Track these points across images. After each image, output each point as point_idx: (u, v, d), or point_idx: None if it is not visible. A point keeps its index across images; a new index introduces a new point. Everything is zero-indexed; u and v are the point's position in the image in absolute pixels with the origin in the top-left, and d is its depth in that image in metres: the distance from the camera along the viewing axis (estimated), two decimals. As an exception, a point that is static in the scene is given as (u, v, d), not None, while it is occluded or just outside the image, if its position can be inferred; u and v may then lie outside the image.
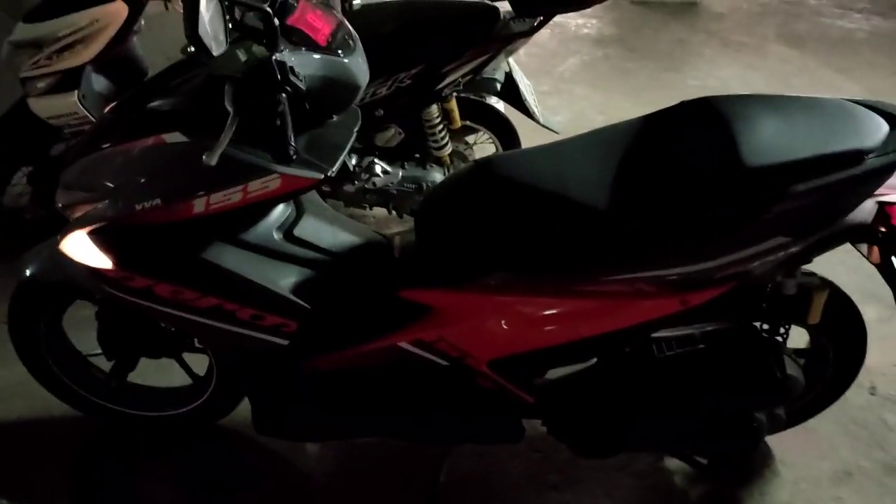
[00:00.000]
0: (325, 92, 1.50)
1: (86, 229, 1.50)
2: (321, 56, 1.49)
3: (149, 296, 1.53)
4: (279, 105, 1.30)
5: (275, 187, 1.45)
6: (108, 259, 1.50)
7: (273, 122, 1.30)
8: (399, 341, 1.71)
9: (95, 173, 1.50)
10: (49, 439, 2.11)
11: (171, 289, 1.52)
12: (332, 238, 1.73)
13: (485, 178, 1.63)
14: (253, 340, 1.61)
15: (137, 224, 1.47)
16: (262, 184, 1.44)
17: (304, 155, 1.47)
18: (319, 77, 1.47)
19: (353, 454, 2.11)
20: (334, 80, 1.53)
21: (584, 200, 1.54)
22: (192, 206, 1.44)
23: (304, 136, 1.51)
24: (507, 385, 1.76)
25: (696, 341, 1.75)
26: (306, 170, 1.47)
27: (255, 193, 1.45)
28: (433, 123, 2.76)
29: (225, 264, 1.53)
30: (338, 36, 1.57)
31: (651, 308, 1.61)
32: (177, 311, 1.55)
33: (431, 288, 1.67)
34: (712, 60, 5.15)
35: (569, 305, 1.63)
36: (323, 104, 1.52)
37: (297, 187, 1.48)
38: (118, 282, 1.52)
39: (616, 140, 1.66)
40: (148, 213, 1.45)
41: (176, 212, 1.44)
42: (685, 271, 1.53)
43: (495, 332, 1.68)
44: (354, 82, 1.57)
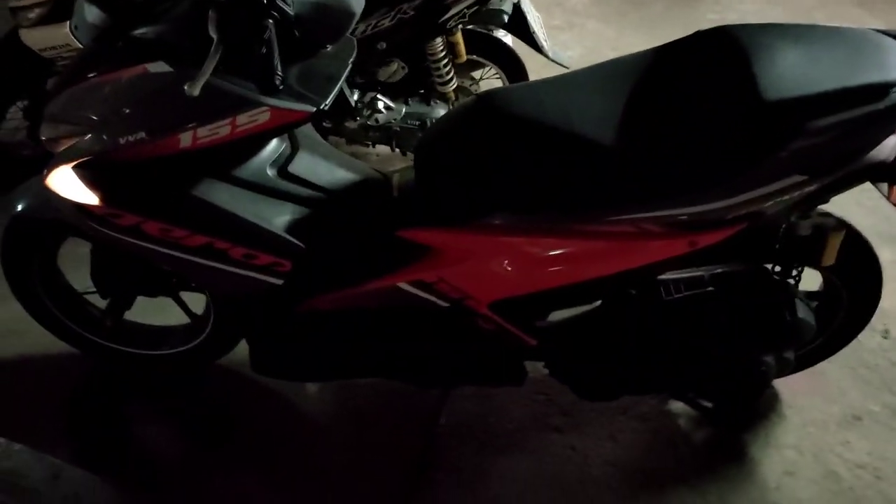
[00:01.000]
0: (317, 19, 1.42)
1: (71, 164, 1.45)
2: None
3: (137, 234, 1.48)
4: (265, 31, 1.23)
5: (264, 121, 1.38)
6: (94, 195, 1.45)
7: (258, 49, 1.22)
8: (398, 282, 1.66)
9: (79, 105, 1.44)
10: (46, 377, 2.10)
11: (160, 226, 1.47)
12: (328, 175, 1.67)
13: (487, 112, 1.55)
14: (246, 280, 1.56)
15: (124, 159, 1.41)
16: (251, 117, 1.37)
17: (296, 87, 1.40)
18: (310, 3, 1.39)
19: (352, 395, 2.09)
20: (326, 7, 1.44)
21: (590, 136, 1.47)
22: (178, 140, 1.37)
23: (296, 68, 1.43)
24: (508, 327, 1.72)
25: (705, 283, 1.69)
26: (297, 102, 1.40)
27: (244, 127, 1.38)
28: (437, 57, 2.66)
29: (216, 201, 1.48)
30: None
31: (658, 249, 1.55)
32: (167, 249, 1.50)
33: (431, 227, 1.62)
34: (731, -6, 4.97)
35: (573, 246, 1.57)
36: (315, 33, 1.44)
37: (288, 121, 1.41)
38: (105, 219, 1.47)
39: (626, 72, 1.57)
40: (133, 147, 1.38)
41: (162, 146, 1.38)
42: (694, 211, 1.46)
43: (497, 273, 1.63)
44: (348, 9, 1.49)
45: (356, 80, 2.74)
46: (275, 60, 1.22)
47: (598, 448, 1.98)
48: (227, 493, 1.80)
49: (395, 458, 1.93)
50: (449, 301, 1.69)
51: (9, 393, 2.03)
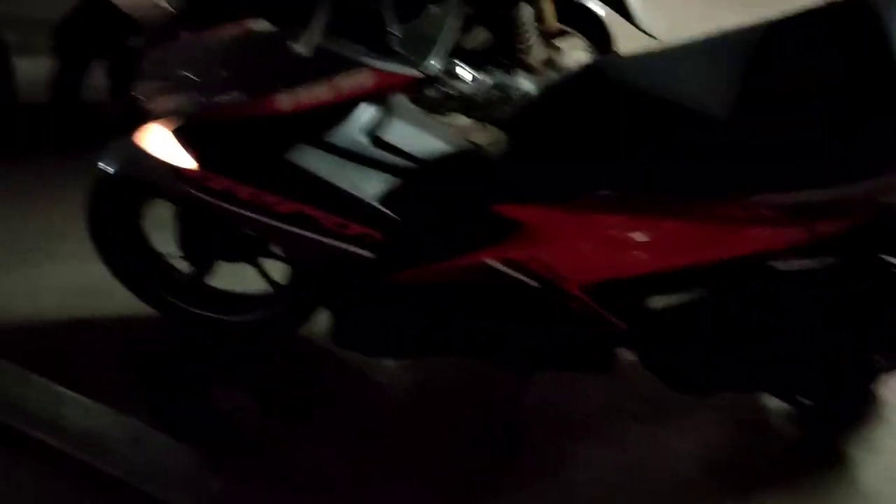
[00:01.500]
0: None
1: (166, 124, 1.41)
2: None
3: (229, 198, 1.44)
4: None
5: (367, 83, 1.32)
6: (188, 157, 1.41)
7: (371, 7, 1.15)
8: (488, 258, 1.60)
9: (176, 63, 1.40)
10: (129, 339, 2.10)
11: (252, 191, 1.43)
12: (421, 144, 1.60)
13: (597, 82, 1.47)
14: (336, 251, 1.51)
15: (219, 120, 1.37)
16: (354, 79, 1.31)
17: (400, 49, 1.33)
18: None
19: (430, 374, 2.04)
20: None
21: (706, 110, 1.37)
22: (277, 101, 1.32)
23: (399, 28, 1.36)
24: (600, 311, 1.64)
25: (817, 274, 1.58)
26: (402, 65, 1.33)
27: (346, 90, 1.32)
28: (524, 25, 2.56)
29: (309, 167, 1.43)
30: None
31: (771, 236, 1.45)
32: (257, 215, 1.46)
33: (527, 203, 1.54)
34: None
35: (678, 228, 1.48)
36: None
37: (392, 84, 1.35)
38: (197, 181, 1.44)
39: (744, 44, 1.47)
40: (230, 107, 1.34)
41: (259, 107, 1.33)
42: (818, 196, 1.36)
43: (593, 253, 1.55)
44: None
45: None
46: (388, 18, 1.15)
47: (682, 440, 1.89)
48: (306, 464, 1.77)
49: (475, 439, 1.87)
50: (539, 280, 1.62)
51: (93, 353, 2.04)
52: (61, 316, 2.16)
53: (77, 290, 2.21)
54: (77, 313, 2.16)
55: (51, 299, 2.20)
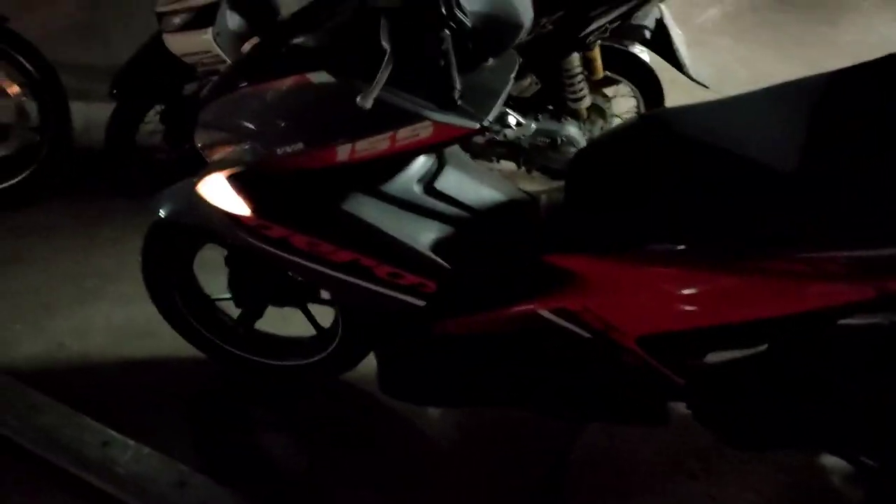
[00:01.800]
0: (488, 29, 1.35)
1: (224, 173, 1.43)
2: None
3: (285, 246, 1.45)
4: (443, 43, 1.16)
5: (426, 136, 1.33)
6: (245, 205, 1.42)
7: (435, 62, 1.16)
8: (540, 308, 1.57)
9: (235, 113, 1.42)
10: (176, 381, 2.11)
11: (307, 240, 1.43)
12: (474, 193, 1.60)
13: (650, 133, 1.45)
14: (389, 299, 1.51)
15: (277, 170, 1.38)
16: (413, 131, 1.31)
17: (459, 101, 1.33)
18: (482, 13, 1.32)
19: (475, 422, 2.01)
20: (498, 18, 1.37)
21: (767, 162, 1.34)
22: (335, 152, 1.33)
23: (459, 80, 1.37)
24: (656, 364, 1.60)
25: (885, 331, 1.53)
26: (461, 118, 1.33)
27: (404, 142, 1.32)
28: (573, 73, 2.57)
29: (364, 217, 1.43)
30: None
31: (838, 293, 1.40)
32: (313, 263, 1.46)
33: (580, 254, 1.52)
34: (871, 14, 4.69)
35: (738, 282, 1.44)
36: (484, 43, 1.37)
37: (450, 137, 1.35)
38: (255, 230, 1.45)
39: (803, 95, 1.44)
40: (289, 158, 1.35)
41: (318, 158, 1.34)
42: (884, 254, 1.31)
43: (649, 306, 1.52)
44: (518, 20, 1.41)
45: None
46: (453, 73, 1.15)
47: (740, 501, 1.83)
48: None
49: (520, 491, 1.83)
50: (592, 332, 1.59)
51: (140, 395, 2.05)
52: (111, 356, 2.18)
53: (128, 331, 2.24)
54: (127, 354, 2.19)
55: (101, 339, 2.23)
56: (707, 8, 4.80)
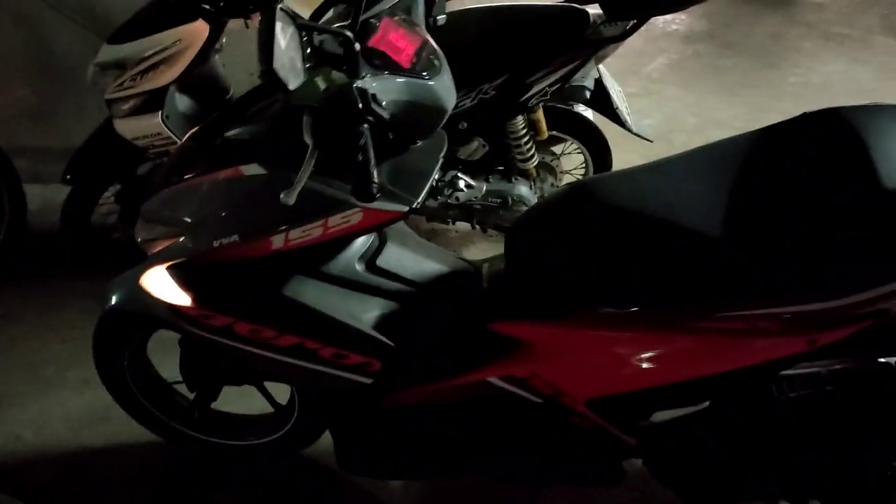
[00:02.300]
0: (410, 118, 1.40)
1: (165, 265, 1.44)
2: (405, 80, 1.38)
3: (228, 334, 1.46)
4: (361, 137, 1.20)
5: (356, 221, 1.36)
6: (187, 296, 1.44)
7: (354, 155, 1.20)
8: (488, 376, 1.59)
9: (173, 207, 1.45)
10: (134, 466, 2.09)
11: (250, 327, 1.45)
12: (416, 267, 1.63)
13: (583, 201, 1.50)
14: (335, 379, 1.52)
15: (217, 260, 1.40)
16: (344, 218, 1.35)
17: (388, 186, 1.37)
18: (403, 102, 1.37)
19: (439, 490, 2.00)
20: (419, 105, 1.42)
21: (695, 226, 1.39)
22: (270, 242, 1.36)
23: (387, 165, 1.41)
24: (606, 426, 1.62)
25: (823, 381, 1.56)
26: (389, 202, 1.37)
27: (336, 228, 1.36)
28: (518, 135, 2.63)
29: (306, 300, 1.45)
30: (422, 56, 1.46)
31: (771, 348, 1.44)
32: (257, 349, 1.48)
33: (523, 321, 1.55)
34: (813, 55, 4.84)
35: (677, 343, 1.48)
36: (408, 131, 1.42)
37: (381, 221, 1.38)
38: (197, 320, 1.46)
39: (730, 157, 1.50)
40: (226, 249, 1.37)
41: (254, 248, 1.37)
42: (814, 309, 1.36)
43: (595, 369, 1.55)
44: (441, 105, 1.46)
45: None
46: (371, 167, 1.19)
47: (702, 553, 1.83)
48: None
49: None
50: (542, 397, 1.61)
51: (100, 484, 2.03)
52: (70, 446, 2.16)
53: (86, 419, 2.22)
54: (86, 441, 2.17)
55: (60, 429, 2.20)
56: (654, 57, 4.93)
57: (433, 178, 1.45)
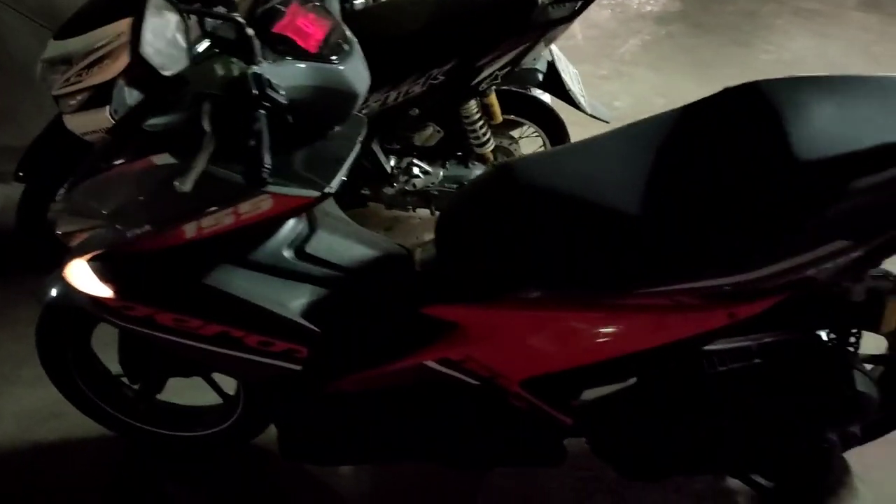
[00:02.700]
0: (319, 103, 1.39)
1: (84, 257, 1.44)
2: (310, 65, 1.38)
3: (151, 324, 1.46)
4: (255, 122, 1.20)
5: (267, 207, 1.36)
6: (108, 288, 1.44)
7: (247, 141, 1.19)
8: (425, 360, 1.60)
9: (91, 199, 1.44)
10: (86, 461, 2.10)
11: (173, 317, 1.45)
12: (347, 253, 1.63)
13: (507, 183, 1.49)
14: (264, 367, 1.52)
15: (137, 251, 1.40)
16: (254, 205, 1.35)
17: (301, 171, 1.37)
18: (310, 87, 1.37)
19: (389, 475, 2.01)
20: (328, 90, 1.41)
21: (615, 205, 1.39)
22: (183, 231, 1.36)
23: (303, 151, 1.41)
24: (542, 406, 1.63)
25: (752, 354, 1.57)
26: (300, 188, 1.36)
27: (248, 215, 1.35)
28: (472, 120, 2.63)
29: (229, 289, 1.45)
30: (331, 40, 1.45)
31: (694, 322, 1.45)
32: (182, 339, 1.48)
33: (454, 304, 1.55)
34: (785, 32, 4.83)
35: (603, 321, 1.49)
36: (318, 116, 1.41)
37: (292, 206, 1.38)
38: (119, 311, 1.46)
39: (651, 135, 1.50)
40: (141, 240, 1.37)
41: (169, 238, 1.37)
42: (731, 282, 1.36)
43: (526, 350, 1.55)
44: (350, 90, 1.45)
45: (392, 147, 2.72)
46: (262, 152, 1.19)
47: (648, 530, 1.85)
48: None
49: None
50: (479, 379, 1.61)
51: (55, 479, 2.04)
52: (22, 443, 2.16)
53: (39, 415, 2.22)
54: (39, 437, 2.17)
55: (12, 426, 2.20)
56: (627, 39, 4.92)
57: (350, 162, 1.44)
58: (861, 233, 1.30)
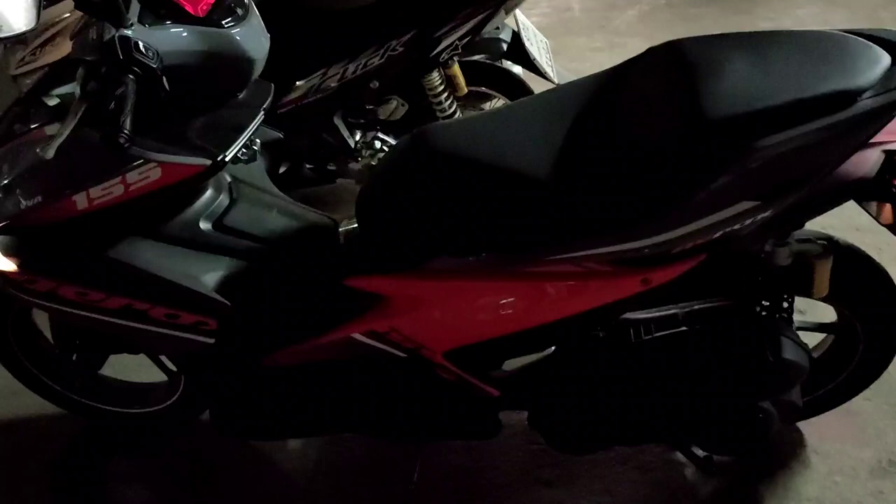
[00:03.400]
0: (208, 69, 1.36)
1: (-10, 231, 1.44)
2: (194, 29, 1.34)
3: (54, 298, 1.45)
4: (120, 87, 1.17)
5: (156, 177, 1.33)
6: (10, 262, 1.44)
7: (108, 105, 1.17)
8: (352, 332, 1.58)
9: (-6, 171, 1.44)
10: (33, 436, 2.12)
11: (76, 290, 1.44)
12: (269, 225, 1.60)
13: (419, 151, 1.46)
14: (174, 340, 1.51)
15: (42, 223, 1.39)
16: (142, 174, 1.32)
17: (194, 139, 1.34)
18: (196, 52, 1.34)
19: (333, 450, 2.00)
20: (218, 55, 1.38)
21: (524, 170, 1.35)
22: (74, 202, 1.34)
23: (201, 119, 1.38)
24: (467, 378, 1.60)
25: (678, 322, 1.53)
26: (190, 156, 1.34)
27: (138, 185, 1.33)
28: (436, 92, 2.58)
29: (133, 261, 1.43)
30: (224, 4, 1.42)
31: (608, 289, 1.41)
32: (87, 312, 1.47)
33: (376, 275, 1.53)
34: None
35: (517, 289, 1.45)
36: (209, 83, 1.38)
37: (184, 176, 1.35)
38: (21, 284, 1.46)
39: (570, 99, 1.45)
40: (35, 211, 1.36)
41: (60, 209, 1.35)
42: (636, 246, 1.31)
43: (445, 320, 1.52)
44: (244, 55, 1.42)
45: (357, 121, 2.69)
46: (122, 117, 1.16)
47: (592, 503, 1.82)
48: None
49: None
50: (405, 351, 1.59)
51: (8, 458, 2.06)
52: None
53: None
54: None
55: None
56: (625, 10, 4.82)
57: (251, 129, 1.42)
58: (768, 193, 1.24)
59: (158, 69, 1.23)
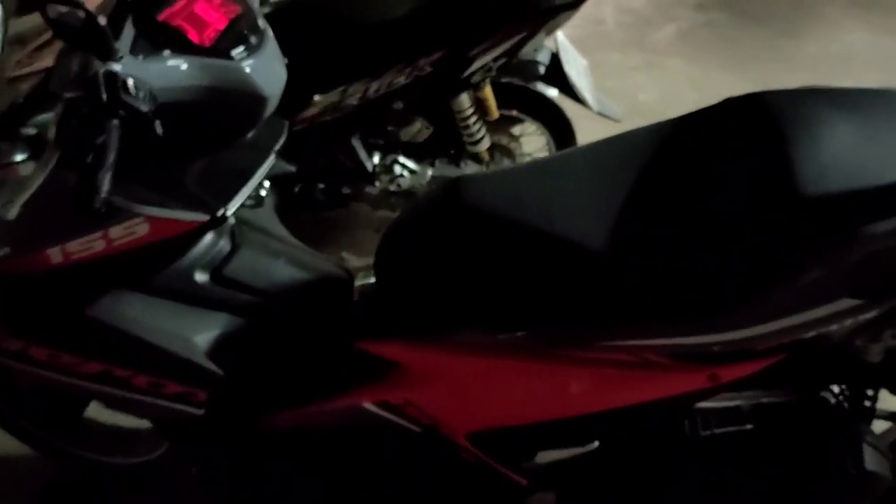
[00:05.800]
0: (212, 108, 1.16)
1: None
2: (196, 61, 1.14)
3: (25, 359, 1.26)
4: (101, 135, 0.97)
5: (143, 233, 1.13)
6: (-25, 317, 1.25)
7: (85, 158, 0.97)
8: (362, 401, 1.38)
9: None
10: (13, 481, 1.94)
11: (47, 352, 1.25)
12: (275, 275, 1.40)
13: (455, 204, 1.26)
14: (159, 409, 1.32)
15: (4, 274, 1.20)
16: (127, 229, 1.12)
17: (191, 188, 1.15)
18: (200, 88, 1.13)
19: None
20: (225, 91, 1.17)
21: (575, 237, 1.15)
22: (47, 256, 1.14)
23: (199, 164, 1.18)
24: (492, 463, 1.40)
25: (742, 418, 1.32)
26: (183, 210, 1.14)
27: (122, 241, 1.13)
28: (464, 115, 2.37)
29: (114, 321, 1.23)
30: (235, 31, 1.20)
31: (666, 383, 1.20)
32: (61, 376, 1.28)
33: (393, 340, 1.33)
34: (836, 23, 4.44)
35: (558, 375, 1.25)
36: (213, 122, 1.18)
37: (176, 233, 1.16)
38: (-14, 342, 1.27)
39: (630, 153, 1.24)
40: (3, 262, 1.17)
41: (32, 262, 1.16)
42: (710, 341, 1.11)
43: (470, 400, 1.33)
44: (255, 92, 1.20)
45: (377, 142, 2.49)
46: (100, 174, 0.96)
47: None
48: None
49: None
50: (421, 427, 1.39)
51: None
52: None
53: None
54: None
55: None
56: (662, 26, 4.59)
57: (258, 177, 1.22)
58: (874, 290, 1.03)
59: (150, 112, 1.03)
